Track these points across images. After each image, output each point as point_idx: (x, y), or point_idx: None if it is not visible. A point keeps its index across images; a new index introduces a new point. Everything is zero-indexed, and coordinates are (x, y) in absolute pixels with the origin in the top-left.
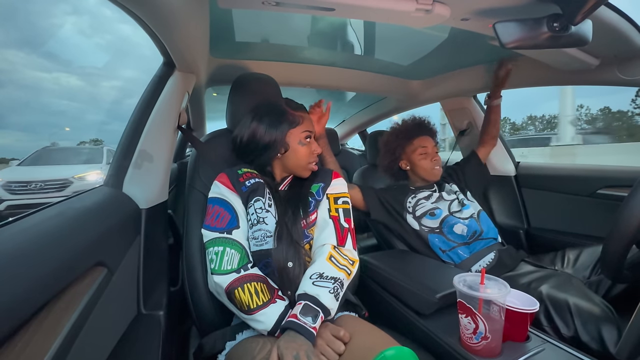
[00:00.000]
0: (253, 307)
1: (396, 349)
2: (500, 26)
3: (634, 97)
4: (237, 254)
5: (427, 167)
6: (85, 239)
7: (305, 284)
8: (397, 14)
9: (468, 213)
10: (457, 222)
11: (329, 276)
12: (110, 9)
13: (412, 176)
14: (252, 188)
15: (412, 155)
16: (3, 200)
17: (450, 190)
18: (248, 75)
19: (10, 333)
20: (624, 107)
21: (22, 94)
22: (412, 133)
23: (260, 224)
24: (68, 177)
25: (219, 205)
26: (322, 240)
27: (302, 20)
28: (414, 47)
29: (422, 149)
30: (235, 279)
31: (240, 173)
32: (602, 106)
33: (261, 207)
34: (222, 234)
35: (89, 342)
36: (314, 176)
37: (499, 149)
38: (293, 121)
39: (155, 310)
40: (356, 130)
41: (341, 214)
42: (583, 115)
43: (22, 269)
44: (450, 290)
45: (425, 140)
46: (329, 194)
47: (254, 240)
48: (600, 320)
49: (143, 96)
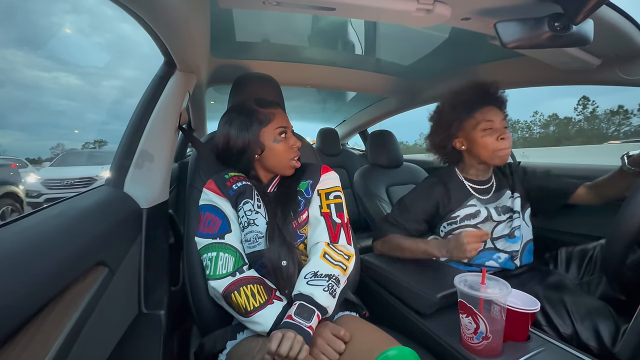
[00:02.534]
0: (250, 310)
1: (398, 349)
2: (501, 26)
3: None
4: (232, 257)
5: (491, 147)
6: (86, 239)
7: (300, 283)
8: (398, 13)
9: (514, 247)
10: (490, 258)
11: (323, 274)
12: (111, 8)
13: (468, 159)
14: (240, 191)
15: (472, 132)
16: (42, 194)
17: (505, 208)
18: (249, 75)
19: (11, 332)
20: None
21: (22, 94)
22: (475, 104)
23: (251, 225)
24: (92, 175)
25: (209, 211)
26: (315, 238)
27: (303, 20)
28: (415, 46)
29: (487, 123)
30: (231, 282)
31: (227, 177)
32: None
33: (250, 209)
34: (215, 240)
35: (90, 342)
36: (302, 173)
37: None
38: (263, 120)
39: (156, 309)
40: (356, 130)
41: (333, 209)
42: (537, 121)
43: (23, 268)
44: (451, 290)
45: (490, 112)
46: (319, 190)
47: (247, 242)
48: (597, 317)
49: (144, 96)
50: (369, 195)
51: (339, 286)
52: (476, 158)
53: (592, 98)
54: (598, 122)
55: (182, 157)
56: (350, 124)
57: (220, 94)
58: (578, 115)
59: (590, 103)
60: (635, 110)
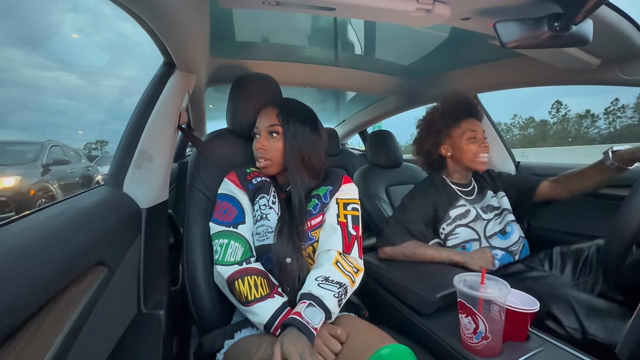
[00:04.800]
0: (251, 299)
1: (392, 347)
2: (500, 26)
3: (550, 108)
4: (241, 247)
5: (474, 154)
6: (85, 239)
7: (310, 284)
8: (397, 13)
9: (509, 242)
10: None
11: (335, 280)
12: (110, 8)
13: (452, 165)
14: (258, 186)
15: (458, 140)
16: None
17: (490, 207)
18: (248, 75)
19: (11, 332)
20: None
21: (21, 93)
22: (461, 114)
23: (263, 219)
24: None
25: (227, 201)
26: (328, 245)
27: (303, 19)
28: (415, 46)
29: (472, 132)
30: (236, 270)
31: (249, 172)
32: (528, 116)
33: (265, 203)
34: (228, 228)
35: (90, 342)
36: (324, 179)
37: (499, 149)
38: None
39: (155, 309)
40: (356, 130)
41: (349, 220)
42: (516, 123)
43: (23, 268)
44: (450, 290)
45: (474, 123)
46: (338, 199)
47: (257, 235)
48: (603, 311)
49: (143, 96)
50: (369, 195)
51: (345, 297)
52: (460, 164)
53: (564, 102)
54: (570, 125)
55: (181, 157)
56: (350, 124)
57: (220, 94)
58: (552, 118)
59: (562, 107)
60: (601, 114)
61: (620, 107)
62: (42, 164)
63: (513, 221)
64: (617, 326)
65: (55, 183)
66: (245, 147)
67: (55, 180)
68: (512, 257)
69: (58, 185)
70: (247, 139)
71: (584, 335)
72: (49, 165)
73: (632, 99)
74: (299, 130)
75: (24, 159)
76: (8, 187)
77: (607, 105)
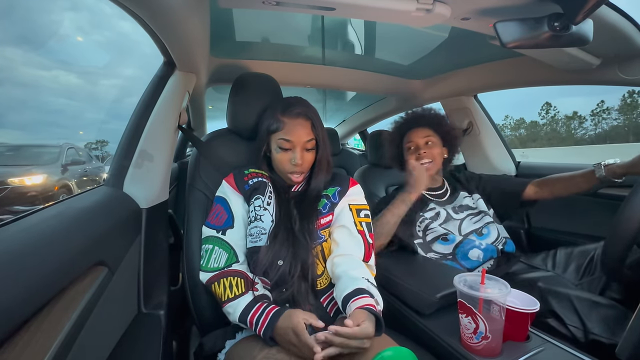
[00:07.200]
0: (224, 300)
1: (394, 350)
2: (500, 26)
3: (540, 110)
4: (225, 254)
5: (411, 165)
6: (85, 239)
7: (360, 280)
8: (397, 13)
9: (489, 238)
10: (472, 247)
11: (372, 283)
12: (110, 6)
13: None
14: (254, 187)
15: (405, 152)
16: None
17: (463, 206)
18: (248, 74)
19: (10, 332)
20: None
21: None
22: (406, 127)
23: (257, 221)
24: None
25: (220, 204)
26: (349, 249)
27: (303, 19)
28: (415, 46)
29: (409, 143)
30: (215, 274)
31: (247, 173)
32: (519, 117)
33: (260, 204)
34: (216, 234)
35: (90, 342)
36: (331, 181)
37: (499, 149)
38: (276, 126)
39: (155, 309)
40: (356, 130)
41: (365, 228)
42: (507, 124)
43: (23, 268)
44: (450, 290)
45: (415, 133)
46: (350, 205)
47: (250, 236)
48: (604, 309)
49: (143, 96)
50: (369, 195)
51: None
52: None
53: (553, 103)
54: (558, 126)
55: (181, 157)
56: (349, 124)
57: (220, 94)
58: (542, 120)
59: (552, 108)
60: (587, 115)
61: (606, 109)
62: (61, 164)
63: (491, 223)
64: (619, 326)
65: (73, 180)
66: (245, 147)
67: (73, 178)
68: (496, 251)
69: (75, 182)
70: (247, 138)
71: (586, 334)
72: (67, 165)
73: (617, 101)
74: (326, 138)
75: (47, 160)
76: (38, 183)
77: (594, 107)
